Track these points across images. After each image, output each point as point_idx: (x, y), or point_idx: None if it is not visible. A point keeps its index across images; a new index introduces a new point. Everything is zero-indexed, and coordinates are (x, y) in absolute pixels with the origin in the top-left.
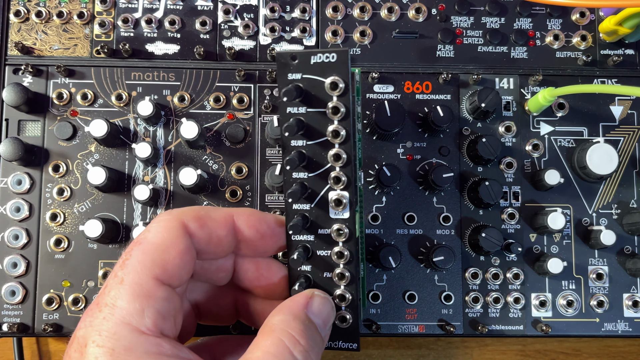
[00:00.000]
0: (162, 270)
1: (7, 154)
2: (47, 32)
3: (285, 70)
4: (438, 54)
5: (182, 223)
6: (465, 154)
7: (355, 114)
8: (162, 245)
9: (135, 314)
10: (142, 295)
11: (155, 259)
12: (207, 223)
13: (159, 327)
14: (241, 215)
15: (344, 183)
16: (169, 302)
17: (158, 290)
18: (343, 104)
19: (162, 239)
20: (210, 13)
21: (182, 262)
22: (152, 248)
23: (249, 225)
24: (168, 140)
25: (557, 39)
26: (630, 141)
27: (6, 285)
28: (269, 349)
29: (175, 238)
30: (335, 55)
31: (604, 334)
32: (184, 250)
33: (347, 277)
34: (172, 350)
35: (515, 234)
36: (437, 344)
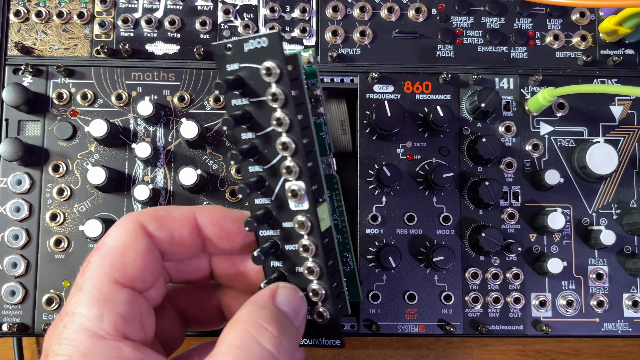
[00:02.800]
0: (121, 274)
1: (7, 154)
2: (47, 32)
3: (222, 62)
4: (438, 54)
5: (141, 224)
6: (465, 154)
7: (306, 97)
8: (120, 248)
9: (95, 319)
10: (101, 299)
11: (114, 262)
12: (167, 222)
13: (120, 330)
14: (203, 212)
15: (296, 173)
16: (132, 305)
17: (119, 293)
18: (282, 89)
19: (120, 242)
20: (210, 13)
21: (143, 263)
22: (110, 252)
23: (212, 222)
24: (168, 140)
25: (557, 39)
26: (630, 141)
27: (6, 285)
28: (234, 341)
29: (133, 240)
30: (266, 39)
31: (604, 334)
32: (143, 252)
33: (317, 271)
34: (133, 353)
35: (515, 234)
36: (437, 344)
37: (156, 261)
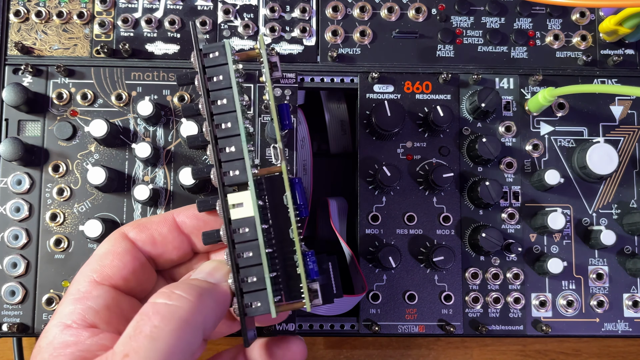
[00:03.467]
0: (98, 274)
1: (7, 154)
2: (47, 32)
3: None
4: (438, 54)
5: (122, 233)
6: (465, 154)
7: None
8: (102, 254)
9: (69, 313)
10: (78, 298)
11: (94, 266)
12: (147, 225)
13: (88, 320)
14: (180, 210)
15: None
16: (107, 300)
17: (94, 290)
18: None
19: (103, 249)
20: (210, 13)
21: (121, 263)
22: (93, 259)
23: (189, 216)
24: (168, 140)
25: (557, 39)
26: (630, 141)
27: (6, 285)
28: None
29: (112, 245)
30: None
31: (604, 334)
32: (121, 253)
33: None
34: (90, 338)
35: (515, 234)
36: (437, 344)
37: (136, 261)
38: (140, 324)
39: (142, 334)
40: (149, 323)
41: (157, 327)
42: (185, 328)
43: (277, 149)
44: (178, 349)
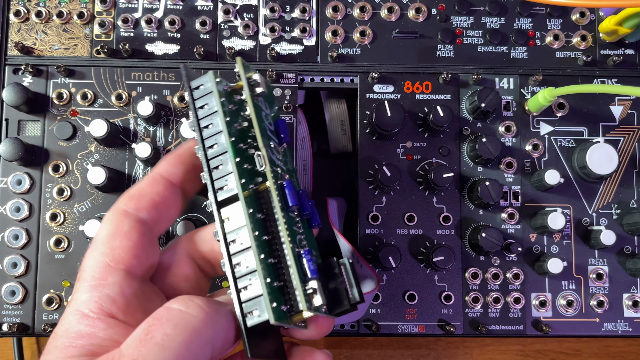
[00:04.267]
0: (111, 257)
1: (7, 154)
2: (47, 32)
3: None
4: (438, 54)
5: (121, 210)
6: (465, 154)
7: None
8: (108, 236)
9: (86, 301)
10: (94, 285)
11: (104, 250)
12: (141, 192)
13: (105, 309)
14: (162, 164)
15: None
16: (121, 286)
17: (109, 276)
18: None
19: (107, 231)
20: (210, 13)
21: (130, 241)
22: (100, 243)
23: (173, 164)
24: (168, 140)
25: (557, 39)
26: (630, 141)
27: (6, 285)
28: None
29: (116, 225)
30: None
31: (604, 334)
32: (128, 231)
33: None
34: (104, 331)
35: (515, 234)
36: (437, 344)
37: (143, 237)
38: (152, 329)
39: (152, 340)
40: (161, 330)
41: (168, 336)
42: (196, 341)
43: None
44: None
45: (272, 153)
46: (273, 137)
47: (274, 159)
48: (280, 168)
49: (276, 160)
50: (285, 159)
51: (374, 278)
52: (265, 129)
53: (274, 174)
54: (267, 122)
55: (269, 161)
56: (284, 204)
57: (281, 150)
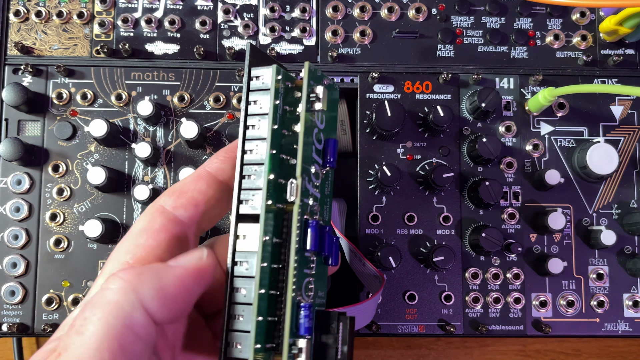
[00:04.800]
0: (132, 255)
1: (6, 154)
2: (47, 32)
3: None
4: (438, 53)
5: (159, 207)
6: (465, 154)
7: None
8: (137, 232)
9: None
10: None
11: (128, 246)
12: (184, 189)
13: None
14: (211, 159)
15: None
16: None
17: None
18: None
19: (139, 226)
20: (210, 13)
21: (154, 242)
22: (129, 237)
23: (222, 160)
24: (168, 140)
25: (558, 39)
26: (630, 141)
27: (6, 285)
28: None
29: (148, 221)
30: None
31: (604, 334)
32: (157, 230)
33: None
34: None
35: (515, 234)
36: (437, 344)
37: (172, 239)
38: (74, 319)
39: (72, 328)
40: (80, 316)
41: (85, 319)
42: (114, 312)
43: (295, 185)
44: (110, 337)
45: (309, 180)
46: (317, 159)
47: (309, 187)
48: (313, 197)
49: (311, 189)
50: (323, 184)
51: (376, 275)
52: (311, 152)
53: (301, 208)
54: (315, 140)
55: (301, 193)
56: (303, 244)
57: (322, 174)
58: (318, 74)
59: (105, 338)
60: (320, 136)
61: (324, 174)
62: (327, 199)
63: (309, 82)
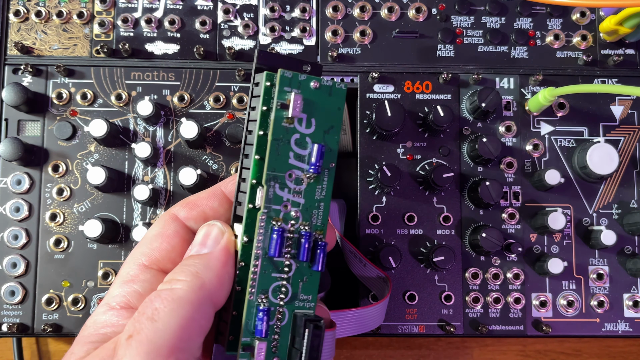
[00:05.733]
0: (147, 257)
1: (6, 153)
2: (47, 32)
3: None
4: (438, 53)
5: (172, 214)
6: (465, 154)
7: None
8: (152, 237)
9: (115, 295)
10: (126, 281)
11: (144, 249)
12: (197, 202)
13: (131, 303)
14: (227, 182)
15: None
16: (152, 283)
17: (141, 273)
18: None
19: (153, 232)
20: (210, 13)
21: (169, 245)
22: (144, 241)
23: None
24: (168, 140)
25: (558, 39)
26: (630, 141)
27: (6, 285)
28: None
29: (162, 227)
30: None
31: (604, 334)
32: (170, 235)
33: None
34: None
35: (515, 234)
36: (437, 344)
37: (185, 243)
38: (143, 308)
39: (144, 315)
40: (150, 306)
41: (157, 309)
42: (185, 306)
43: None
44: (180, 326)
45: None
46: (298, 164)
47: (282, 194)
48: (292, 203)
49: (288, 195)
50: (312, 189)
51: (381, 277)
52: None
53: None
54: (295, 145)
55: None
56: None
57: (307, 180)
58: (301, 77)
59: (178, 328)
60: (306, 141)
61: (313, 179)
62: (320, 204)
63: (282, 88)
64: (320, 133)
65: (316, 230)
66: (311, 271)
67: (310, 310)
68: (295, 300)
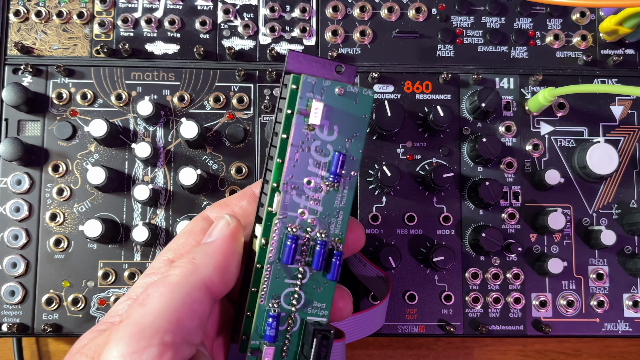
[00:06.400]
0: (173, 252)
1: (6, 153)
2: (47, 32)
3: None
4: (438, 53)
5: (203, 214)
6: (465, 154)
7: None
8: (180, 234)
9: (137, 287)
10: (149, 274)
11: (172, 245)
12: (227, 203)
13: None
14: (258, 183)
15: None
16: None
17: (164, 267)
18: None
19: (183, 230)
20: (210, 13)
21: (194, 241)
22: (173, 239)
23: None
24: (168, 140)
25: (558, 39)
26: (630, 141)
27: (6, 285)
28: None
29: (191, 226)
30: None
31: (604, 334)
32: (198, 232)
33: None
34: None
35: (515, 234)
36: (437, 344)
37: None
38: (138, 295)
39: (136, 302)
40: (143, 293)
41: (148, 295)
42: (175, 289)
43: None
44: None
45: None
46: (317, 171)
47: (299, 201)
48: (309, 210)
49: (305, 202)
50: (331, 197)
51: (381, 277)
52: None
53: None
54: (315, 152)
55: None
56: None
57: (326, 188)
58: (325, 83)
59: (166, 310)
60: (327, 148)
61: (332, 188)
62: (339, 212)
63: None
64: (342, 141)
65: (334, 239)
66: (325, 280)
67: (323, 318)
68: (308, 307)
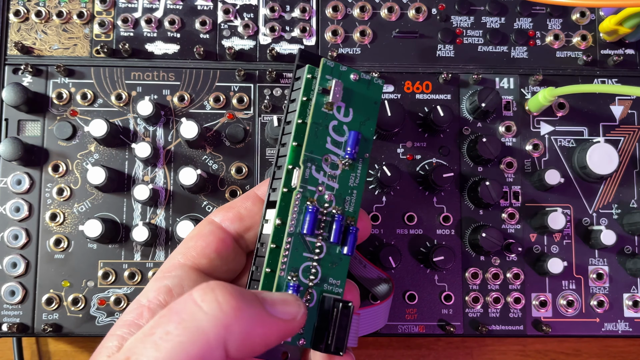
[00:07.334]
0: (183, 255)
1: (6, 153)
2: (47, 32)
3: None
4: (438, 53)
5: (209, 218)
6: (465, 154)
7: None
8: (188, 238)
9: (146, 292)
10: (158, 277)
11: (181, 249)
12: (232, 205)
13: (160, 299)
14: (260, 185)
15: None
16: (181, 278)
17: (174, 270)
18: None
19: (191, 233)
20: (210, 13)
21: (204, 242)
22: (181, 243)
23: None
24: (168, 140)
25: (558, 39)
26: (630, 141)
27: (6, 285)
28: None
29: (198, 229)
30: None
31: (604, 334)
32: (205, 234)
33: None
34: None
35: (515, 234)
36: (437, 344)
37: (220, 242)
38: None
39: (151, 337)
40: (163, 326)
41: (168, 334)
42: (200, 342)
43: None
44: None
45: (319, 170)
46: (335, 150)
47: (318, 176)
48: (326, 187)
49: (323, 178)
50: (347, 175)
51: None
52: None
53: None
54: (333, 132)
55: (302, 180)
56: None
57: (343, 165)
58: (342, 68)
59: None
60: (343, 129)
61: (348, 166)
62: (353, 191)
63: (324, 75)
64: (357, 123)
65: (348, 217)
66: (341, 255)
67: (338, 295)
68: (324, 284)
